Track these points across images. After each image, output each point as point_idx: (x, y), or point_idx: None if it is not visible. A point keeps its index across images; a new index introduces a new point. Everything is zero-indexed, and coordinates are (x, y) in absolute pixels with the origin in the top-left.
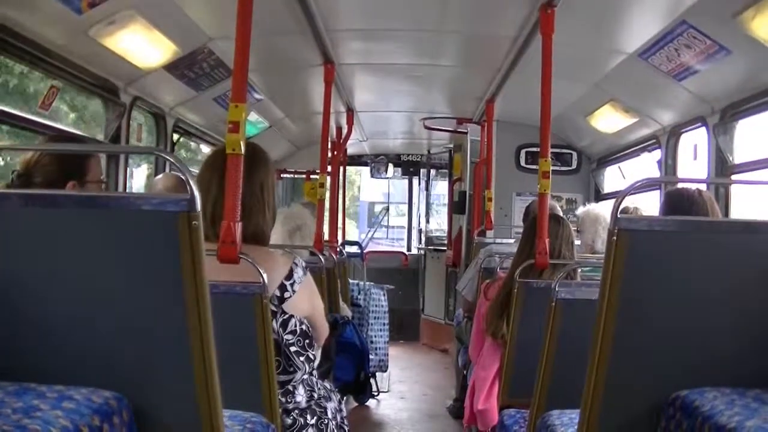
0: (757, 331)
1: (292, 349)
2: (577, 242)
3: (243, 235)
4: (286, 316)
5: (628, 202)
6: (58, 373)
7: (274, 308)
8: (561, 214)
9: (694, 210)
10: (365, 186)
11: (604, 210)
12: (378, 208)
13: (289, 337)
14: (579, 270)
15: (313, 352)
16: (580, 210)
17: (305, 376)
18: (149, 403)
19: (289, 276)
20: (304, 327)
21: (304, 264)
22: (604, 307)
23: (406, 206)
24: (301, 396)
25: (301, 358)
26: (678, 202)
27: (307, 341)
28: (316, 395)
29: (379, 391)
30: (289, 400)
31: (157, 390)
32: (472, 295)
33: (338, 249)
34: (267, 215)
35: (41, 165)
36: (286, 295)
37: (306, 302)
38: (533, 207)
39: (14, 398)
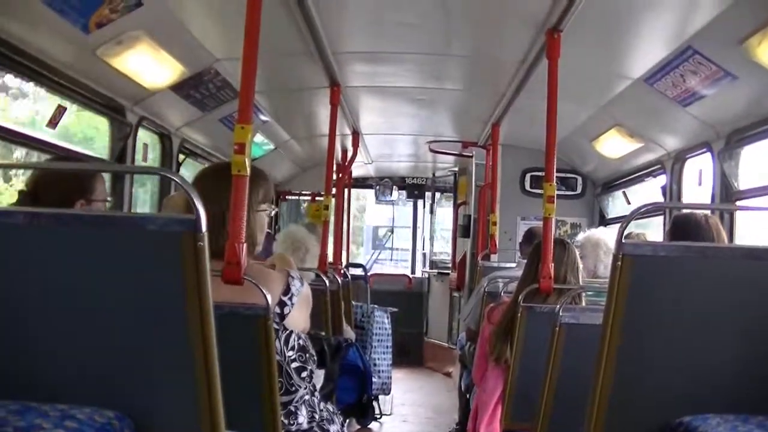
0: (761, 357)
1: (294, 365)
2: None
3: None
4: (287, 332)
5: (633, 227)
6: (61, 392)
7: (276, 326)
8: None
9: (701, 235)
10: (370, 210)
11: (605, 235)
12: (382, 232)
13: (291, 353)
14: (584, 295)
15: (312, 368)
16: (581, 236)
17: (306, 397)
18: (152, 423)
19: (287, 291)
20: (301, 342)
21: (298, 275)
22: (608, 331)
23: (410, 230)
24: (303, 417)
25: (303, 374)
26: (685, 227)
27: (306, 356)
28: (318, 417)
29: (381, 414)
30: (291, 422)
31: (160, 410)
32: (474, 324)
33: (342, 271)
34: (255, 229)
35: (48, 183)
36: (286, 310)
37: (303, 313)
38: (538, 231)
39: (17, 417)
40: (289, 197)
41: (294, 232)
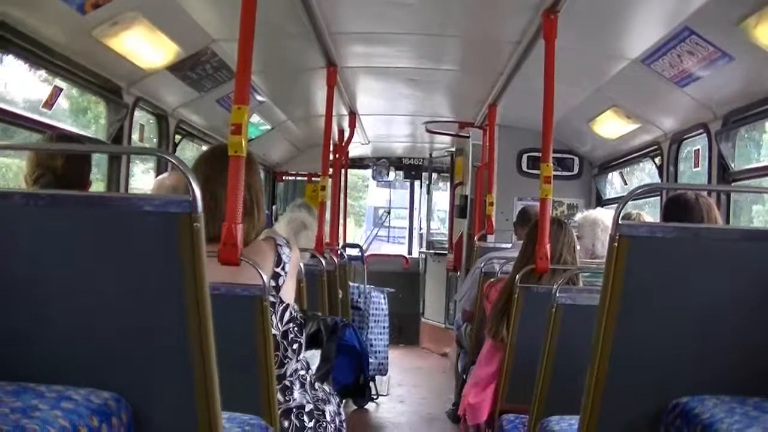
0: (757, 338)
1: (289, 336)
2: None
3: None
4: (283, 305)
5: (630, 207)
6: (58, 373)
7: (272, 299)
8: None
9: (690, 215)
10: (371, 193)
11: (601, 214)
12: (382, 212)
13: (288, 326)
14: (581, 275)
15: (302, 340)
16: (578, 216)
17: (302, 372)
18: (148, 404)
19: (279, 261)
20: (295, 313)
21: (285, 240)
22: (605, 312)
23: (408, 210)
24: (297, 392)
25: (294, 346)
26: (675, 207)
27: (297, 327)
28: (314, 397)
29: (378, 395)
30: (287, 398)
31: (156, 391)
32: (470, 305)
33: (339, 252)
34: (259, 219)
35: (74, 165)
36: (281, 281)
37: (294, 279)
38: (532, 210)
39: (13, 398)
40: (286, 178)
41: (296, 216)
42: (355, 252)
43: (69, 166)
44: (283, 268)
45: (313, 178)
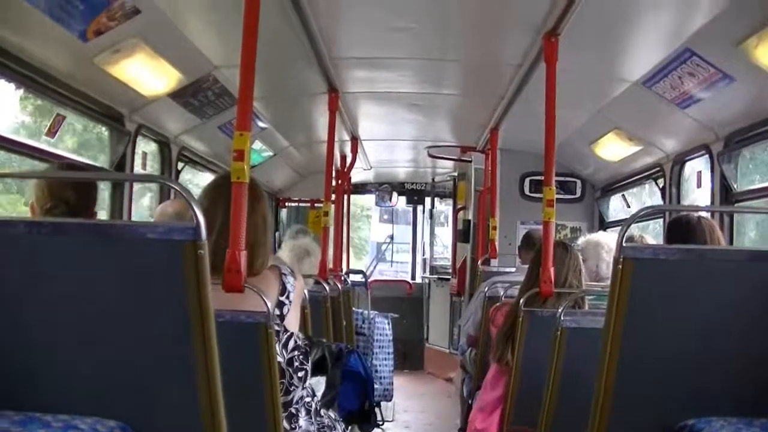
0: (762, 359)
1: (295, 364)
2: None
3: (248, 267)
4: (288, 334)
5: (634, 229)
6: (63, 402)
7: (276, 327)
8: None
9: (692, 237)
10: (375, 228)
11: (605, 237)
12: (385, 247)
13: (293, 353)
14: (586, 298)
15: (308, 368)
16: (581, 240)
17: (307, 399)
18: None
19: (283, 290)
20: (299, 342)
21: (290, 270)
22: (610, 335)
23: (410, 241)
24: (303, 420)
25: (300, 374)
26: (678, 229)
27: (302, 355)
28: (319, 423)
29: (383, 421)
30: (293, 426)
31: (163, 419)
32: (474, 329)
33: (342, 278)
34: (268, 247)
35: (83, 194)
36: (285, 310)
37: (298, 308)
38: (536, 234)
39: (20, 428)
40: (289, 204)
41: (300, 243)
42: (358, 278)
43: (80, 196)
44: (287, 297)
45: (315, 204)
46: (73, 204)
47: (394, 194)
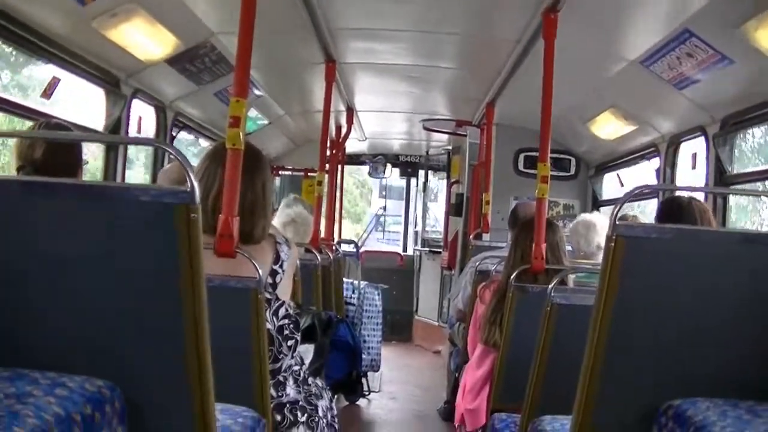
0: (752, 340)
1: (285, 332)
2: (569, 248)
3: (246, 234)
4: (279, 302)
5: (625, 209)
6: (52, 360)
7: (268, 295)
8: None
9: (683, 218)
10: (375, 202)
11: (597, 218)
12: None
13: (284, 321)
14: (573, 276)
15: (297, 337)
16: (576, 219)
17: (295, 368)
18: (141, 393)
19: (277, 259)
20: (291, 310)
21: (285, 239)
22: (600, 312)
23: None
24: (291, 389)
25: (290, 343)
26: (669, 209)
27: (293, 324)
28: (306, 392)
29: (370, 391)
30: (280, 393)
31: (150, 381)
32: (463, 304)
33: (334, 247)
34: (268, 217)
35: (58, 153)
36: (278, 279)
37: (291, 277)
38: (521, 209)
39: (7, 383)
40: (283, 172)
41: (288, 212)
42: (350, 248)
43: (50, 157)
44: (281, 266)
45: (309, 174)
46: (40, 165)
47: (388, 166)
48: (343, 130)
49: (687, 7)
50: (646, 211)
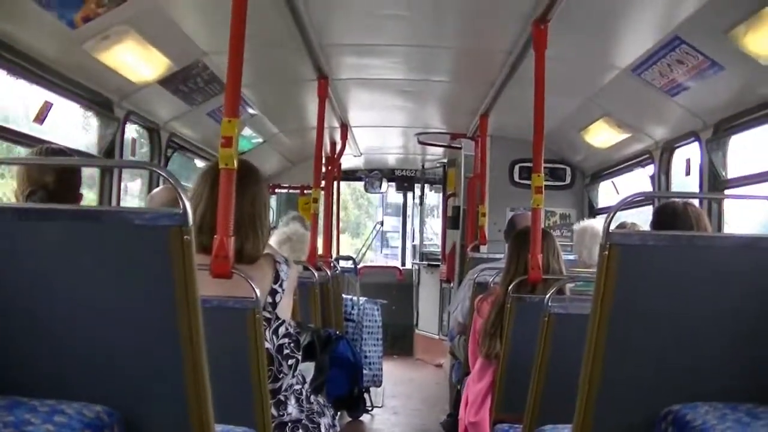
0: (749, 345)
1: (285, 352)
2: (571, 257)
3: (237, 252)
4: (279, 322)
5: (624, 217)
6: (50, 387)
7: (268, 315)
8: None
9: (678, 223)
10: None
11: (598, 223)
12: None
13: (284, 341)
14: (571, 285)
15: (298, 356)
16: (577, 225)
17: (297, 387)
18: (141, 417)
19: (276, 278)
20: (291, 329)
21: (284, 258)
22: (597, 320)
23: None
24: (292, 408)
25: (290, 362)
26: (663, 215)
27: (293, 343)
28: (308, 410)
29: (372, 406)
30: (281, 413)
31: (149, 404)
32: (463, 316)
33: (332, 264)
34: (262, 233)
35: (64, 179)
36: (278, 298)
37: (290, 296)
38: (517, 220)
39: (5, 412)
40: (279, 191)
41: (291, 230)
42: (348, 264)
43: (60, 181)
44: (280, 285)
45: (305, 191)
46: (53, 190)
47: (384, 181)
48: (338, 147)
49: (676, 14)
50: (641, 219)
